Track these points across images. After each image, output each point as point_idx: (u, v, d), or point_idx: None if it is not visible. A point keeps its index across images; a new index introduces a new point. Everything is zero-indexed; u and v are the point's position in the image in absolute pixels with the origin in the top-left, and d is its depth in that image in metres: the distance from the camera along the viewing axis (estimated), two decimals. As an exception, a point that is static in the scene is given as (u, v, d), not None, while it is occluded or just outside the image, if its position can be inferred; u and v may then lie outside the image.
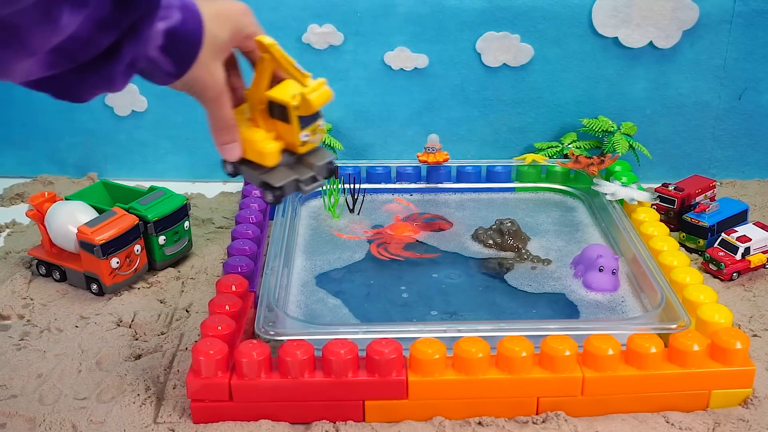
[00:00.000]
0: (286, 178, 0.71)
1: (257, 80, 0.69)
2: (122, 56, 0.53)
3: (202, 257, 1.02)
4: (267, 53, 0.66)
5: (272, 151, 0.70)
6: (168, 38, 0.58)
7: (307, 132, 0.70)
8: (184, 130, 1.22)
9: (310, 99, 0.67)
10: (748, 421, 0.73)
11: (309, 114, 0.68)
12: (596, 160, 1.06)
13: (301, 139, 0.70)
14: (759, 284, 0.94)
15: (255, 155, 0.71)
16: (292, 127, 0.69)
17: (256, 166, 0.71)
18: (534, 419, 0.74)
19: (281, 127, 0.70)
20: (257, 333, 0.76)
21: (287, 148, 0.71)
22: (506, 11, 1.13)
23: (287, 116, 0.68)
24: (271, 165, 0.70)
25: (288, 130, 0.69)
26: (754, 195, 1.16)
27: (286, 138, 0.70)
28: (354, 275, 0.93)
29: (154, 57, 0.59)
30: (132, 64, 0.55)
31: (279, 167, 0.71)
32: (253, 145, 0.70)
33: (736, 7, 1.11)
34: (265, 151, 0.70)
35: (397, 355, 0.72)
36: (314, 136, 0.71)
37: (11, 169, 1.25)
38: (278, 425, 0.73)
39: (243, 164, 0.72)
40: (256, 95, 0.69)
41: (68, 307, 0.91)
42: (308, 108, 0.67)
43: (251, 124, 0.71)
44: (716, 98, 1.17)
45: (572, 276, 0.91)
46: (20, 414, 0.75)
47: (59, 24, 0.45)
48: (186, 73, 0.62)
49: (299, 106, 0.67)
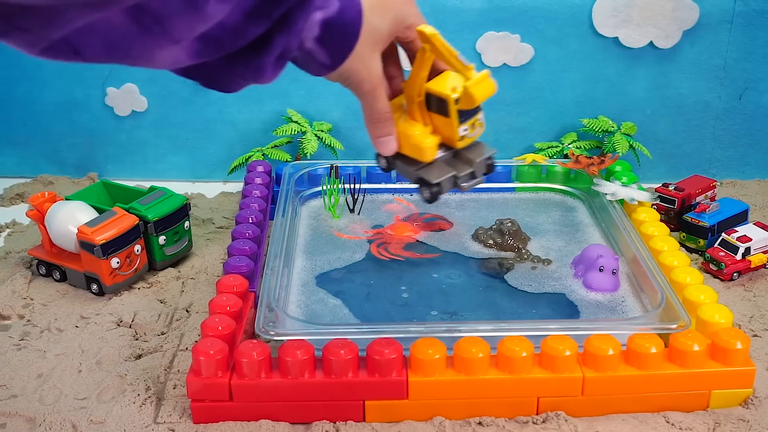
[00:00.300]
0: (444, 175, 0.69)
1: (415, 72, 0.66)
2: (273, 47, 0.51)
3: (202, 257, 1.02)
4: (428, 44, 0.63)
5: (430, 146, 0.67)
6: (324, 29, 0.55)
7: (466, 126, 0.67)
8: (184, 130, 1.22)
9: (472, 92, 0.63)
10: (749, 421, 0.73)
11: (471, 108, 0.65)
12: (596, 160, 1.06)
13: (459, 134, 0.66)
14: (759, 284, 0.94)
15: (411, 150, 0.68)
16: (451, 120, 0.66)
17: (411, 162, 0.69)
18: (534, 419, 0.74)
19: (439, 121, 0.67)
20: (257, 333, 0.76)
21: (444, 143, 0.68)
22: (506, 11, 1.13)
23: (446, 110, 0.65)
24: (428, 160, 0.68)
25: (446, 124, 0.66)
26: (754, 195, 1.16)
27: (444, 132, 0.67)
28: (354, 275, 0.93)
29: (309, 48, 0.56)
30: (283, 55, 0.53)
31: (436, 163, 0.69)
32: (409, 139, 0.67)
33: (736, 7, 1.11)
34: (423, 146, 0.67)
35: (397, 355, 0.72)
36: (473, 131, 0.68)
37: (11, 169, 1.25)
38: (278, 425, 0.73)
39: (398, 159, 0.70)
40: (413, 87, 0.66)
41: (68, 307, 0.91)
42: (471, 101, 0.64)
43: (408, 117, 0.68)
44: (716, 98, 1.17)
45: (572, 276, 0.91)
46: (20, 414, 0.75)
47: (205, 11, 0.44)
48: (341, 65, 0.59)
49: (461, 99, 0.64)
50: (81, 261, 0.92)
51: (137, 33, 0.42)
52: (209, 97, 1.19)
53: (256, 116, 1.20)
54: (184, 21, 0.44)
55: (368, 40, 0.59)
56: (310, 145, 1.15)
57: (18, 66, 1.18)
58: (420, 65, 0.65)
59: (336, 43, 0.57)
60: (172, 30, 0.44)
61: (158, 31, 0.43)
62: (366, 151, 1.22)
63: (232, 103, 1.19)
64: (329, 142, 1.16)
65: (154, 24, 0.43)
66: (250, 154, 1.17)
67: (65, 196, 1.00)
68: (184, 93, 1.19)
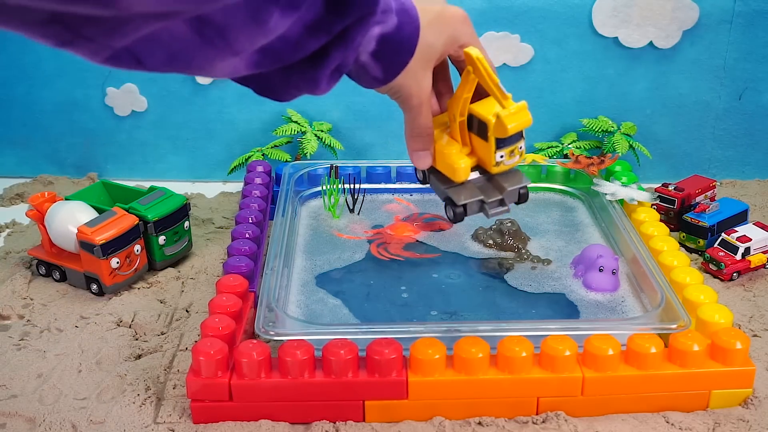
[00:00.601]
0: (471, 198, 0.69)
1: (460, 92, 0.67)
2: (330, 60, 0.52)
3: (202, 257, 1.02)
4: (472, 66, 0.64)
5: (463, 167, 0.68)
6: (381, 44, 0.56)
7: (503, 153, 0.67)
8: (184, 130, 1.22)
9: (505, 122, 0.64)
10: (748, 422, 0.73)
11: (503, 136, 0.65)
12: (596, 160, 1.06)
13: (495, 160, 0.67)
14: (759, 284, 0.94)
15: (446, 168, 0.69)
16: (489, 145, 0.66)
17: (444, 179, 0.70)
18: (534, 419, 0.74)
19: (477, 143, 0.68)
20: (257, 333, 0.76)
21: (481, 166, 0.69)
22: (506, 11, 1.13)
23: (486, 134, 0.66)
24: (459, 181, 0.69)
25: (484, 147, 0.67)
26: (754, 195, 1.16)
27: (481, 155, 0.68)
28: (354, 275, 0.93)
29: (364, 61, 0.57)
30: (339, 68, 0.53)
31: (467, 184, 0.69)
32: (445, 157, 0.68)
33: (736, 7, 1.11)
34: (456, 166, 0.68)
35: (397, 355, 0.72)
36: (510, 159, 0.68)
37: (11, 169, 1.25)
38: (278, 425, 0.73)
39: (432, 173, 0.71)
40: (456, 106, 0.67)
41: (68, 307, 0.91)
42: (502, 131, 0.65)
43: (448, 135, 0.69)
44: (716, 98, 1.17)
45: (572, 276, 0.91)
46: (20, 414, 0.75)
47: (267, 26, 0.44)
48: (393, 80, 0.60)
49: (494, 127, 0.65)
50: (81, 261, 0.92)
51: (199, 44, 0.43)
52: (209, 97, 1.19)
53: (255, 116, 1.20)
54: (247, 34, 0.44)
55: (422, 57, 0.60)
56: (310, 145, 1.15)
57: (18, 66, 1.18)
58: (464, 86, 0.66)
59: (391, 59, 0.58)
60: (233, 42, 0.44)
61: (220, 44, 0.44)
62: (366, 151, 1.22)
63: (232, 103, 1.19)
64: (329, 142, 1.16)
65: (216, 36, 0.43)
66: (249, 154, 1.17)
67: (65, 196, 1.00)
68: (184, 93, 1.19)
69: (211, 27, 0.42)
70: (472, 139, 0.68)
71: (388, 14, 0.55)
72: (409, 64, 0.59)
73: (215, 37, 0.43)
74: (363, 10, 0.50)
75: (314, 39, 0.49)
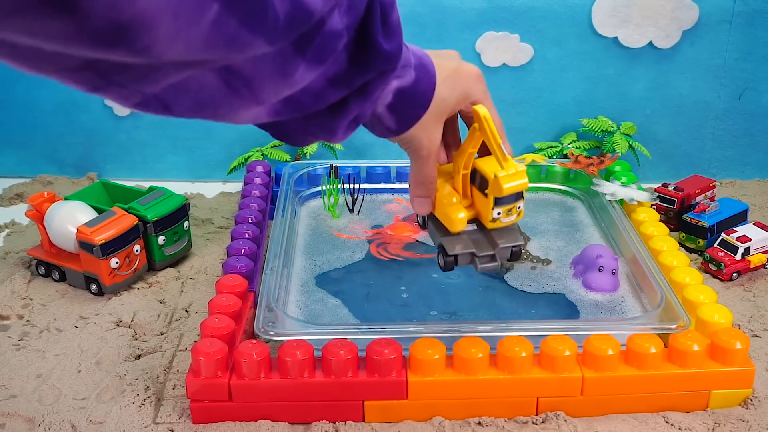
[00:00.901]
0: (463, 249, 0.71)
1: (466, 145, 0.69)
2: (348, 112, 0.54)
3: (202, 257, 1.01)
4: (479, 123, 0.67)
5: (459, 219, 0.70)
6: (397, 97, 0.58)
7: (500, 210, 0.70)
8: (184, 130, 1.22)
9: (501, 183, 0.67)
10: (748, 422, 0.73)
11: (498, 196, 0.68)
12: (596, 160, 1.06)
13: (492, 216, 0.70)
14: (759, 284, 0.94)
15: (443, 217, 0.71)
16: (488, 201, 0.69)
17: (441, 227, 0.72)
18: (534, 419, 0.74)
19: (478, 197, 0.70)
20: (257, 333, 0.76)
21: (478, 219, 0.71)
22: (506, 11, 1.13)
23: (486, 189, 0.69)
24: (454, 231, 0.71)
25: (484, 202, 0.70)
26: (754, 195, 1.16)
27: (480, 209, 0.71)
28: (354, 275, 0.93)
29: (380, 112, 0.59)
30: (356, 119, 0.55)
31: (462, 235, 0.72)
32: (444, 207, 0.71)
33: (736, 7, 1.11)
34: (453, 217, 0.70)
35: (397, 355, 0.72)
36: (507, 217, 0.70)
37: (10, 169, 1.25)
38: (278, 425, 0.73)
39: (431, 220, 0.74)
40: (461, 159, 0.70)
41: (68, 307, 0.91)
42: (498, 191, 0.67)
43: (450, 185, 0.71)
44: (716, 98, 1.17)
45: (572, 276, 0.91)
46: (19, 414, 0.75)
47: (293, 78, 0.46)
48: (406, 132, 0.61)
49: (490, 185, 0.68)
50: (80, 261, 0.92)
51: (226, 94, 0.44)
52: (209, 97, 1.19)
53: (255, 116, 1.20)
54: (272, 85, 0.46)
55: (435, 111, 0.62)
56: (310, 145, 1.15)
57: (17, 66, 1.17)
58: (470, 141, 0.69)
59: (406, 112, 0.60)
60: (259, 93, 0.45)
61: (246, 94, 0.45)
62: (365, 150, 1.22)
63: (232, 103, 1.19)
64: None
65: (243, 87, 0.44)
66: (249, 154, 1.17)
67: (64, 196, 1.00)
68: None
69: (239, 78, 0.44)
70: (473, 192, 0.71)
71: (407, 69, 0.58)
72: (423, 117, 0.61)
73: (242, 87, 0.44)
74: (384, 66, 0.52)
75: (335, 91, 0.51)
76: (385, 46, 0.52)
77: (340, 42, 0.48)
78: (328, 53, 0.47)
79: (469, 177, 0.71)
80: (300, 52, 0.45)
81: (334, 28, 0.46)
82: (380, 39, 0.51)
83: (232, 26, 0.38)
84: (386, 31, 0.52)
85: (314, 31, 0.45)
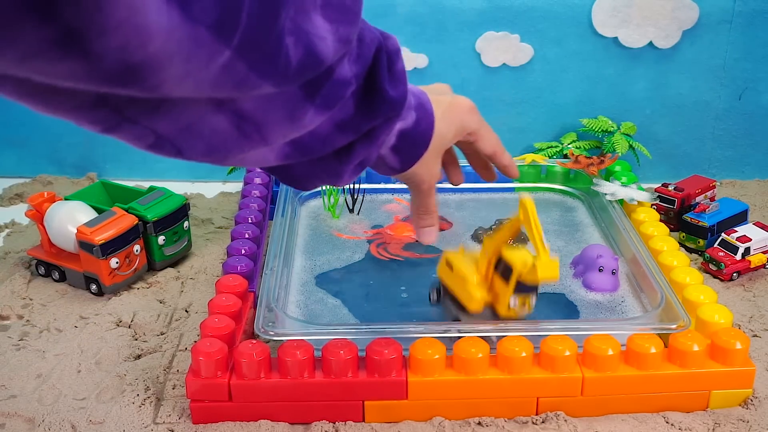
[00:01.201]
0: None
1: (502, 233, 0.74)
2: (354, 156, 0.55)
3: (202, 257, 1.01)
4: (524, 213, 0.72)
5: (479, 299, 0.74)
6: (400, 139, 0.60)
7: (516, 298, 0.74)
8: (184, 130, 1.21)
9: (537, 269, 0.71)
10: (748, 422, 0.73)
11: (530, 283, 0.73)
12: (596, 160, 1.06)
13: (509, 303, 0.74)
14: (759, 284, 0.94)
15: (463, 294, 0.75)
16: (509, 288, 0.73)
17: (457, 305, 0.77)
18: (534, 419, 0.74)
19: (497, 283, 0.75)
20: (257, 333, 0.76)
21: (493, 305, 0.76)
22: (506, 11, 1.13)
23: (509, 277, 0.73)
24: (471, 310, 0.75)
25: (503, 289, 0.74)
26: (754, 195, 1.16)
27: (498, 295, 0.75)
28: (353, 275, 0.93)
29: (383, 154, 0.60)
30: (362, 163, 0.57)
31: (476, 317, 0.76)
32: (466, 284, 0.75)
33: (736, 7, 1.11)
34: (474, 296, 0.74)
35: (397, 355, 0.72)
36: (521, 308, 0.75)
37: (10, 169, 1.25)
38: (278, 425, 0.73)
39: (447, 296, 0.78)
40: (492, 245, 0.74)
41: (67, 308, 0.91)
42: (533, 277, 0.72)
43: (475, 265, 0.76)
44: (716, 98, 1.17)
45: (572, 276, 0.91)
46: (19, 414, 0.75)
47: (302, 122, 0.47)
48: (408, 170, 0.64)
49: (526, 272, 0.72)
50: (80, 261, 0.92)
51: (237, 138, 0.45)
52: (209, 97, 1.19)
53: (255, 116, 1.20)
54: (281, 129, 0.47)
55: (435, 147, 0.64)
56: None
57: (17, 66, 1.17)
58: (509, 229, 0.74)
59: (408, 152, 0.62)
60: (268, 136, 0.47)
61: (256, 138, 0.46)
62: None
63: (232, 103, 1.19)
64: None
65: (253, 131, 0.45)
66: (249, 154, 1.17)
67: (64, 196, 1.00)
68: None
69: (250, 123, 0.45)
70: (494, 278, 0.75)
71: (409, 110, 0.59)
72: (425, 156, 0.63)
73: (253, 132, 0.45)
74: (390, 112, 0.54)
75: (342, 136, 0.52)
76: (391, 93, 0.53)
77: (348, 89, 0.49)
78: (336, 99, 0.48)
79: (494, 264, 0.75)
80: (309, 98, 0.46)
81: (344, 76, 0.48)
82: (387, 86, 0.53)
83: (242, 71, 0.39)
84: (392, 79, 0.54)
85: (324, 78, 0.46)
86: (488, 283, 0.75)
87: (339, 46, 0.45)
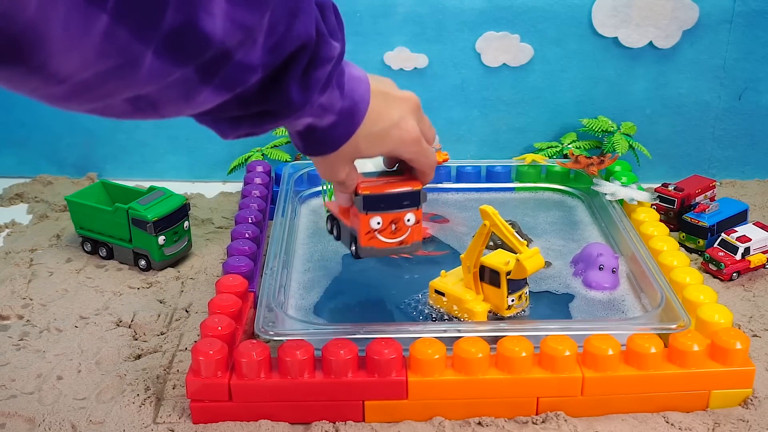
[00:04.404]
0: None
1: (475, 245, 0.78)
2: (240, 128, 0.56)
3: (202, 257, 1.01)
4: (488, 221, 0.76)
5: (481, 311, 0.79)
6: (307, 130, 0.62)
7: (513, 297, 0.79)
8: (184, 130, 1.22)
9: (525, 264, 0.76)
10: (748, 422, 0.73)
11: (520, 278, 0.78)
12: (596, 160, 1.06)
13: (508, 303, 0.79)
14: (759, 284, 0.94)
15: (466, 312, 0.80)
16: (502, 291, 0.78)
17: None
18: (534, 419, 0.74)
19: (489, 291, 0.80)
20: (257, 333, 0.76)
21: (493, 311, 0.80)
22: (506, 11, 1.13)
23: (498, 281, 0.78)
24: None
25: (497, 294, 0.79)
26: (754, 195, 1.16)
27: (494, 301, 0.80)
28: (354, 275, 0.93)
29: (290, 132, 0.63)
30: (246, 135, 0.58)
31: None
32: (463, 303, 0.80)
33: (736, 7, 1.11)
34: (475, 310, 0.79)
35: (397, 355, 0.72)
36: (519, 302, 0.80)
37: (10, 168, 1.25)
38: (278, 425, 0.73)
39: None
40: (471, 259, 0.79)
41: (68, 307, 0.91)
42: (522, 272, 0.76)
43: (462, 284, 0.81)
44: (716, 98, 1.17)
45: (572, 274, 0.91)
46: (19, 414, 0.75)
47: (196, 102, 0.48)
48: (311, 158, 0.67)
49: (513, 271, 0.76)
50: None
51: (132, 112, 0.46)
52: (209, 97, 1.19)
53: (255, 116, 1.20)
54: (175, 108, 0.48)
55: (345, 156, 0.66)
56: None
57: (17, 66, 1.17)
58: (480, 240, 0.78)
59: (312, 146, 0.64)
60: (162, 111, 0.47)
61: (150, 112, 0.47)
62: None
63: (232, 103, 1.19)
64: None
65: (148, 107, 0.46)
66: (249, 154, 1.17)
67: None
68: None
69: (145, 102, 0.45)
70: (484, 287, 0.80)
71: (327, 112, 0.60)
72: (329, 156, 0.65)
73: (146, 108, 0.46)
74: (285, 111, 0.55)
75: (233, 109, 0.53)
76: (293, 95, 0.53)
77: (253, 76, 0.49)
78: (237, 83, 0.48)
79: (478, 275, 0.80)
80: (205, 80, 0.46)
81: (248, 61, 0.47)
82: (292, 86, 0.53)
83: (124, 37, 0.39)
84: (302, 83, 0.54)
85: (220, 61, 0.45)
86: (482, 295, 0.80)
87: (232, 29, 0.44)
